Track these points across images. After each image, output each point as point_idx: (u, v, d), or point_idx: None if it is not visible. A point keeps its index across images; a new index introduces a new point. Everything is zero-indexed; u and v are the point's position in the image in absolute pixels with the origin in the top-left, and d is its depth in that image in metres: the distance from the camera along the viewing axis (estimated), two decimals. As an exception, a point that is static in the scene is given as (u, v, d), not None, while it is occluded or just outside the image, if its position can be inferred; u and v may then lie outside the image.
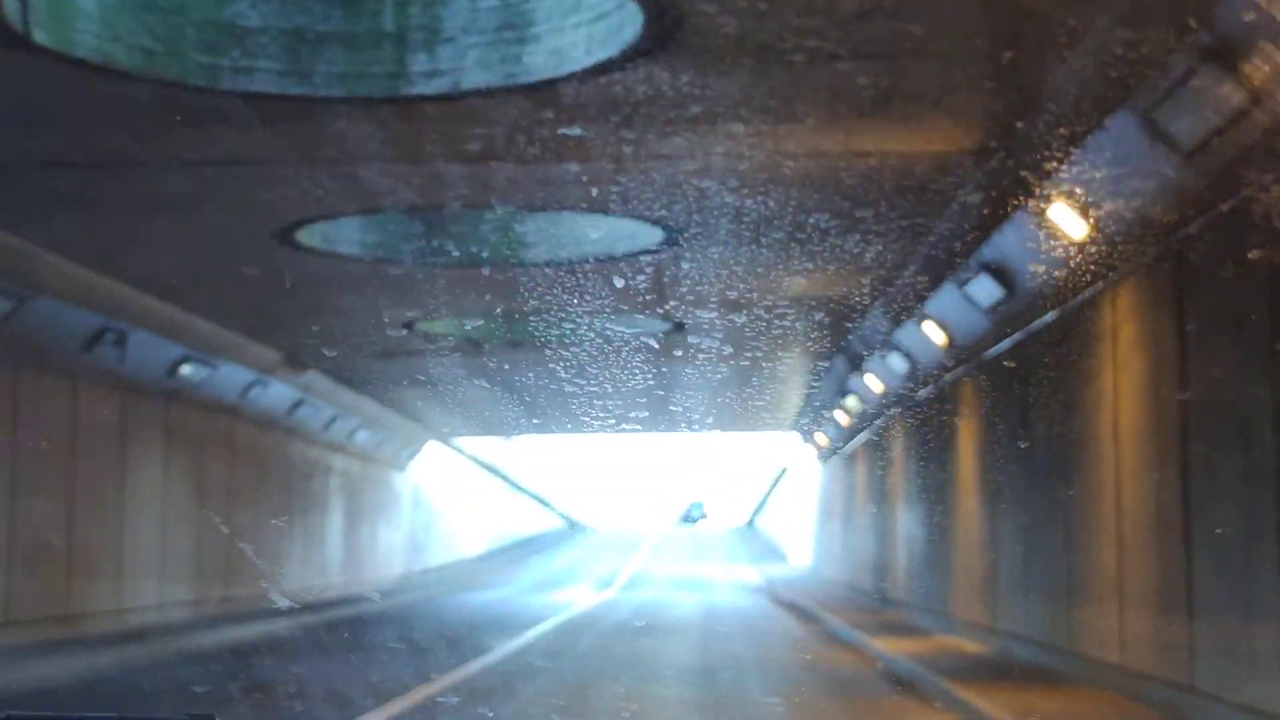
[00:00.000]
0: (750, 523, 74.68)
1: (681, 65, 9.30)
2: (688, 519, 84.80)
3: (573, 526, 78.10)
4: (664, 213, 13.26)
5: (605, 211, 13.80)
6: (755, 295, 17.49)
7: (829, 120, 10.73)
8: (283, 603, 23.44)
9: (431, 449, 38.90)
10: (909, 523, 21.38)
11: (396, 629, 21.56)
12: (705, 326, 19.72)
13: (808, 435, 33.49)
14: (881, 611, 23.13)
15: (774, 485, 54.33)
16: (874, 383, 22.28)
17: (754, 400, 29.58)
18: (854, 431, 27.27)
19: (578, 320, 19.42)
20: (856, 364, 22.38)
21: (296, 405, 24.91)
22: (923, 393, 19.89)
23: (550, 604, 27.75)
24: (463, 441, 43.21)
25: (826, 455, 32.80)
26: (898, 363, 19.84)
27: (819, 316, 19.35)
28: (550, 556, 51.01)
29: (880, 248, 14.62)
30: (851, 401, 24.91)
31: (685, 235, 14.24)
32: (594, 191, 12.63)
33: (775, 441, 48.70)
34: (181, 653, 16.19)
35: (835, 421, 28.28)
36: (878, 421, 24.33)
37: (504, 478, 52.73)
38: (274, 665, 14.64)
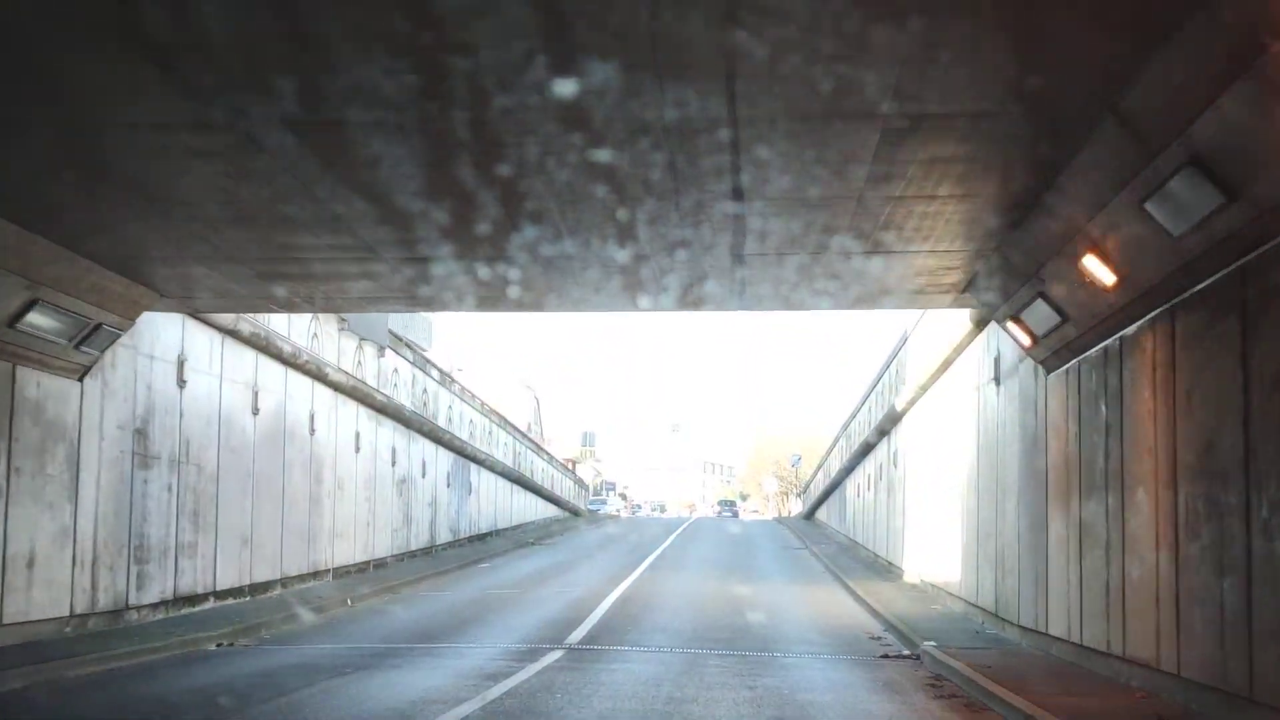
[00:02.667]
0: (810, 515, 56.87)
1: None
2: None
3: (572, 514, 60.96)
4: None
5: None
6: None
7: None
8: None
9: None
10: None
11: None
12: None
13: (1026, 285, 12.99)
14: None
15: (873, 444, 33.01)
16: None
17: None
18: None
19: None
20: None
21: None
22: None
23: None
24: (298, 334, 23.38)
25: (1095, 334, 12.37)
26: None
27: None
28: (506, 564, 32.44)
29: None
30: None
31: None
32: None
33: (898, 332, 28.05)
34: None
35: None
36: None
37: (449, 441, 33.25)
38: None
